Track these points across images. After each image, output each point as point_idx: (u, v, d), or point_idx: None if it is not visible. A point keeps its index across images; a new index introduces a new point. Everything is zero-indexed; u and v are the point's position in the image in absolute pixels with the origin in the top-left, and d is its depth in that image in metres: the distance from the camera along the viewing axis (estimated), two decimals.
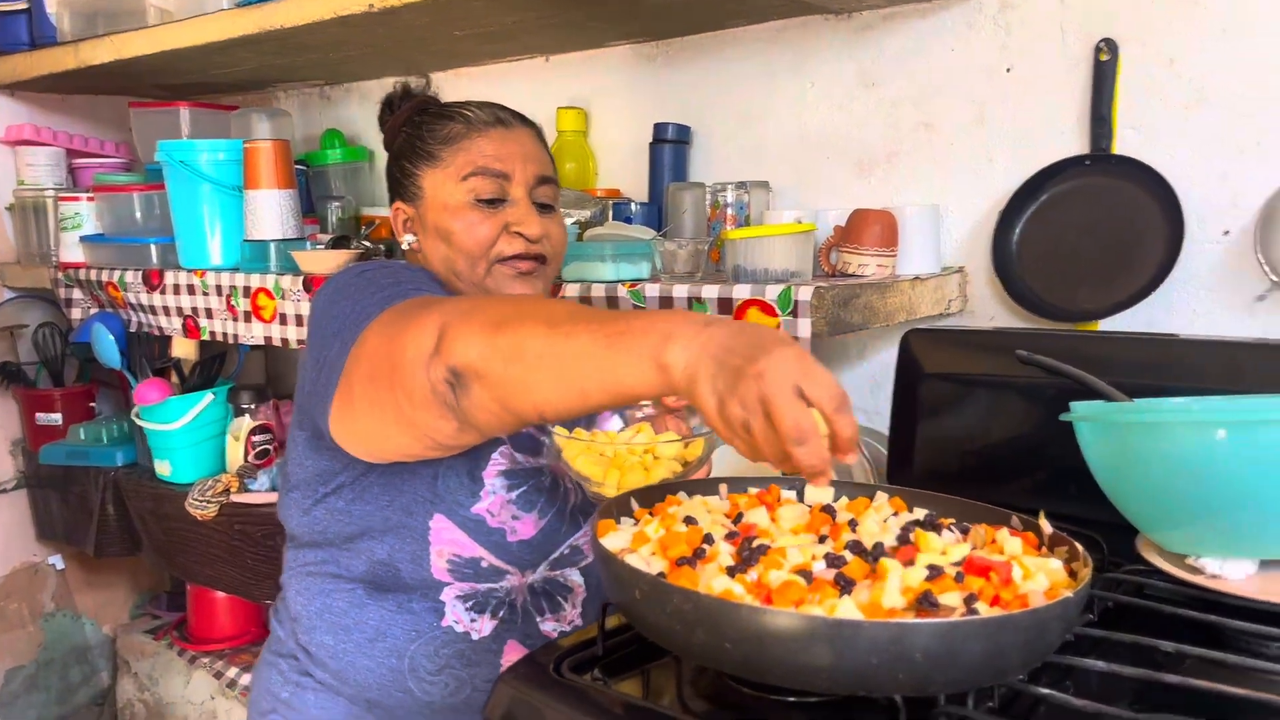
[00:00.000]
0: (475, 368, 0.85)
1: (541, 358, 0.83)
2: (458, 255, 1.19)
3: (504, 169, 1.20)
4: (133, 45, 2.01)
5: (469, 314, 0.88)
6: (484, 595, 1.13)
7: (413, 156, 1.24)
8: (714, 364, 0.74)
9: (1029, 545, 0.82)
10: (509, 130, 1.23)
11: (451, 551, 1.11)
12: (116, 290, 2.12)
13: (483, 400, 0.86)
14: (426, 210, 1.22)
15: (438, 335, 0.87)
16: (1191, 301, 1.45)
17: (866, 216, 1.51)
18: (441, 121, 1.23)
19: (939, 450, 1.30)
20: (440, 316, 0.89)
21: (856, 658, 0.64)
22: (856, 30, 1.69)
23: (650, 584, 0.72)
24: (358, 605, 1.14)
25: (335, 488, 1.14)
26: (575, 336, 0.82)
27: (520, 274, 1.21)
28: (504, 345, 0.84)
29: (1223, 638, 0.87)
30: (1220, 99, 1.40)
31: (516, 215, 1.20)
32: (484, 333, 0.86)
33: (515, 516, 1.13)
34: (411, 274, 1.12)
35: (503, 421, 0.88)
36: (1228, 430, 0.82)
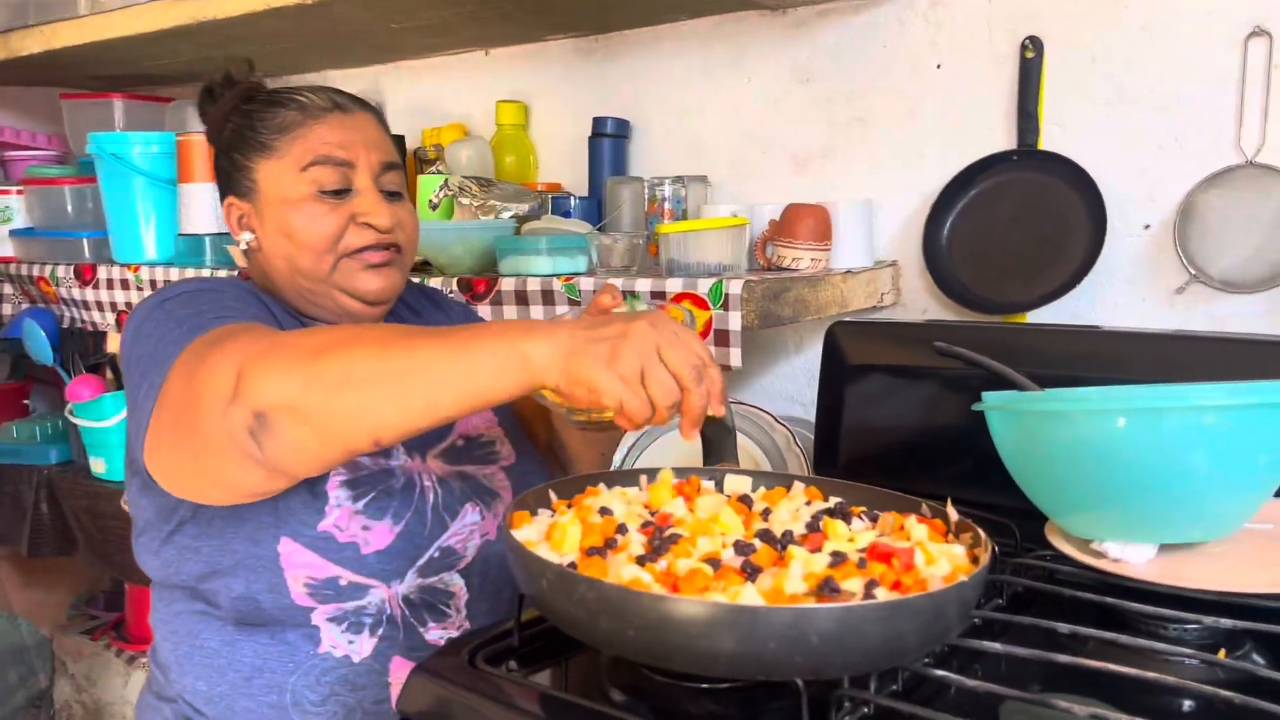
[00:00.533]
0: (289, 403, 0.81)
1: (378, 377, 0.80)
2: (301, 251, 1.10)
3: (347, 157, 1.11)
4: (63, 35, 1.98)
5: (271, 349, 0.83)
6: (354, 614, 1.06)
7: (244, 148, 1.13)
8: (588, 339, 0.79)
9: (936, 532, 0.83)
10: (349, 115, 1.14)
11: (306, 575, 1.03)
12: (48, 285, 2.09)
13: (299, 440, 0.82)
14: (264, 205, 1.12)
15: (235, 376, 0.82)
16: (1114, 293, 1.48)
17: (800, 211, 1.52)
18: (274, 109, 1.12)
19: (863, 440, 1.31)
20: (235, 355, 0.84)
21: (755, 643, 0.65)
22: (792, 26, 1.70)
23: (557, 574, 0.73)
24: (229, 643, 1.07)
25: (178, 524, 1.06)
26: (417, 349, 0.80)
27: (371, 266, 1.13)
28: (326, 373, 0.80)
29: (1125, 620, 0.90)
30: (1140, 96, 1.43)
31: (364, 205, 1.11)
32: (297, 364, 0.81)
33: (366, 527, 1.04)
34: (212, 295, 1.04)
35: (323, 459, 0.85)
36: (1127, 418, 0.84)
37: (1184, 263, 1.40)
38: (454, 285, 1.58)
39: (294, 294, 1.15)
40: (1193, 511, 0.88)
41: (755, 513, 0.88)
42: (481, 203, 1.72)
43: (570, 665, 0.89)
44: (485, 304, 1.54)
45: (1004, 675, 0.84)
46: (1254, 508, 0.92)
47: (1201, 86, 1.39)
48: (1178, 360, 1.16)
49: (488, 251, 1.63)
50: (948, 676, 0.75)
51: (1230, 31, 1.36)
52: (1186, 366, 1.13)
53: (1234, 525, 0.92)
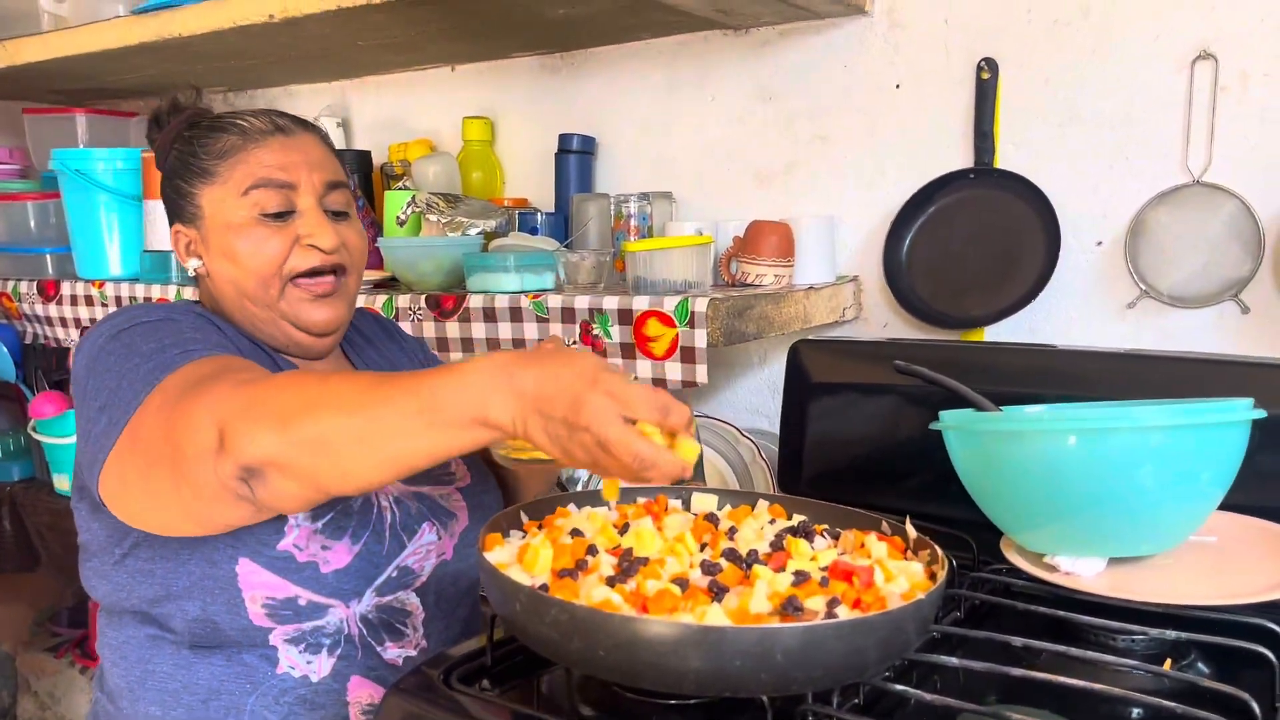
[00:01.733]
0: (275, 461, 0.82)
1: (352, 442, 0.81)
2: (247, 276, 1.10)
3: (288, 178, 1.11)
4: (26, 51, 1.97)
5: (248, 407, 0.84)
6: (312, 634, 1.06)
7: (187, 174, 1.13)
8: (540, 417, 0.77)
9: (895, 549, 0.86)
10: (290, 137, 1.13)
11: (265, 595, 1.03)
12: (11, 301, 2.07)
13: (289, 488, 0.84)
14: (209, 231, 1.12)
15: (217, 432, 0.83)
16: (1069, 308, 1.52)
17: (763, 228, 1.55)
18: (215, 134, 1.12)
19: (826, 456, 1.34)
20: (215, 409, 0.85)
21: (722, 661, 0.68)
22: (755, 45, 1.73)
23: (529, 596, 0.75)
24: (184, 667, 1.06)
25: (130, 547, 1.06)
26: (382, 418, 0.81)
27: (318, 297, 1.12)
28: (304, 437, 0.82)
29: (1076, 632, 0.93)
30: (1091, 116, 1.47)
31: (307, 227, 1.11)
32: (276, 425, 0.82)
33: (325, 546, 1.04)
34: (172, 325, 1.03)
35: (312, 502, 0.87)
36: (1077, 437, 0.87)
37: (1135, 278, 1.44)
38: (422, 302, 1.59)
39: (244, 320, 1.15)
40: (1140, 526, 0.92)
41: (721, 531, 0.90)
42: (449, 219, 1.74)
43: (541, 683, 0.91)
44: (454, 320, 1.56)
45: (962, 687, 0.87)
46: (1199, 521, 0.95)
47: (1151, 107, 1.43)
48: (1130, 378, 1.20)
49: (455, 268, 1.64)
50: (907, 691, 0.78)
51: (1178, 54, 1.41)
52: (1138, 384, 1.17)
53: (1180, 538, 0.96)
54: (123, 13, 1.84)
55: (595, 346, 1.44)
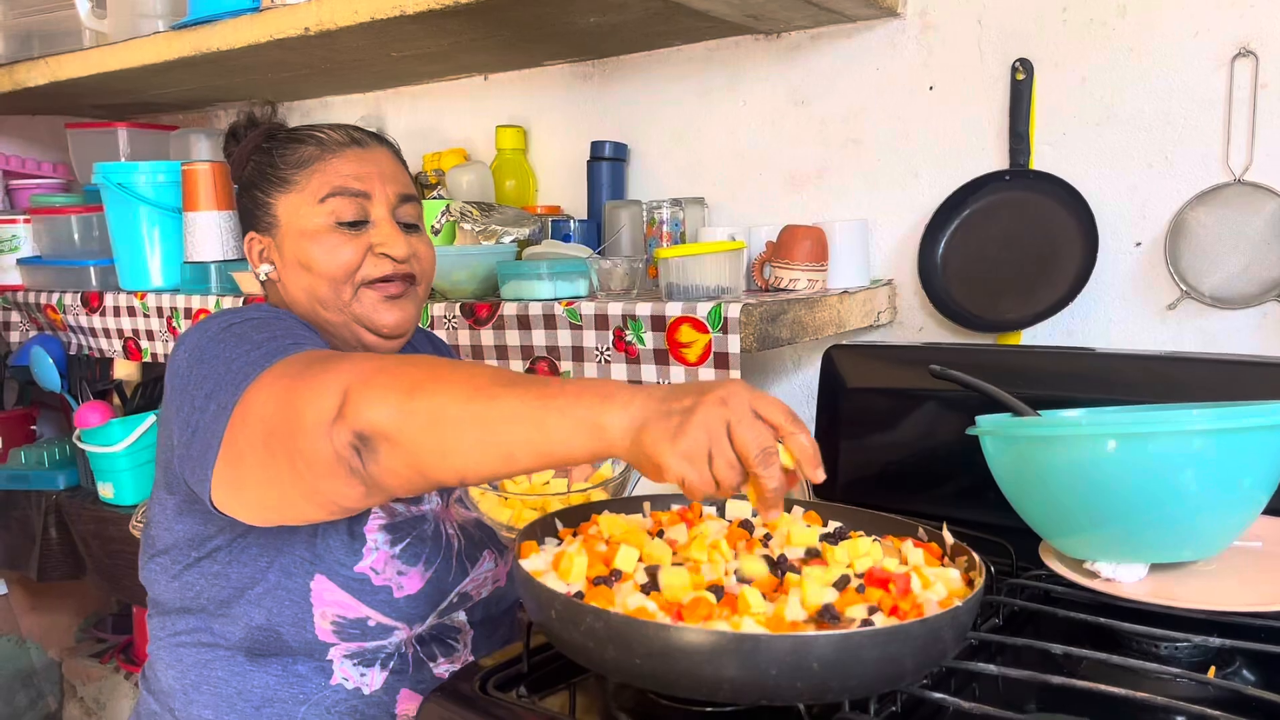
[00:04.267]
0: (386, 432, 0.82)
1: (464, 422, 0.80)
2: (320, 282, 1.13)
3: (363, 188, 1.14)
4: (68, 68, 2.00)
5: (375, 374, 0.84)
6: (373, 651, 1.08)
7: (264, 184, 1.17)
8: (660, 413, 0.76)
9: (932, 556, 0.85)
10: (365, 150, 1.17)
11: (335, 613, 1.05)
12: (56, 313, 2.11)
13: (394, 465, 0.83)
14: (283, 238, 1.15)
15: (340, 397, 0.83)
16: (1107, 310, 1.50)
17: (797, 233, 1.55)
18: (293, 145, 1.16)
19: (861, 461, 1.34)
20: (342, 376, 0.85)
21: (758, 670, 0.68)
22: (786, 50, 1.73)
23: (565, 604, 0.75)
24: (239, 673, 1.07)
25: (209, 551, 1.07)
26: (501, 399, 0.80)
27: (389, 298, 1.15)
28: (421, 409, 0.81)
29: (1117, 639, 0.92)
30: (1129, 116, 1.46)
31: (380, 236, 1.14)
32: (396, 395, 0.82)
33: (401, 572, 1.07)
34: (281, 323, 1.05)
35: (414, 485, 0.86)
36: (1117, 442, 0.86)
37: (1175, 279, 1.42)
38: (457, 310, 1.60)
39: (314, 323, 1.16)
40: (1182, 532, 0.90)
41: (756, 539, 0.90)
42: (483, 227, 1.75)
43: (578, 689, 0.91)
44: (488, 328, 1.57)
45: (1000, 695, 0.86)
46: (1242, 527, 0.94)
47: (1190, 106, 1.41)
48: (1170, 381, 1.18)
49: (489, 276, 1.65)
50: (945, 699, 0.77)
51: (1217, 52, 1.39)
52: (1178, 387, 1.15)
53: (1222, 544, 0.95)
54: (162, 28, 1.87)
55: (628, 353, 1.45)
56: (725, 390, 0.76)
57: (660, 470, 0.75)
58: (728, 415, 0.74)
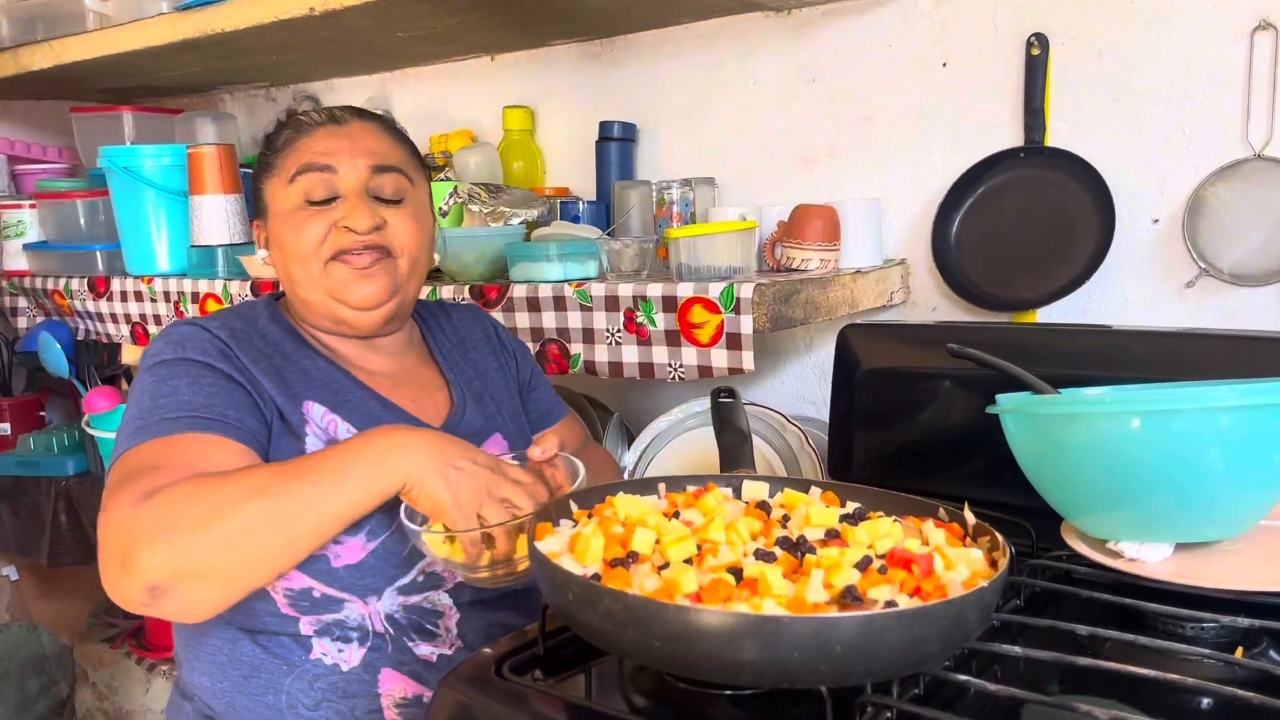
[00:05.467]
0: (188, 571, 0.91)
1: (268, 527, 0.92)
2: (291, 261, 1.14)
3: (329, 162, 1.13)
4: (72, 50, 1.99)
5: (160, 524, 0.91)
6: (337, 626, 1.08)
7: (259, 171, 1.20)
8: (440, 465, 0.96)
9: (954, 536, 0.84)
10: (340, 126, 1.17)
11: (284, 585, 1.06)
12: (63, 298, 2.10)
13: (200, 596, 0.93)
14: (270, 222, 1.18)
15: (120, 555, 0.92)
16: (1124, 288, 1.49)
17: (809, 212, 1.53)
18: (278, 131, 1.19)
19: (877, 442, 1.32)
20: (121, 531, 0.92)
21: (779, 652, 0.66)
22: (797, 27, 1.71)
23: (582, 586, 0.74)
24: (231, 642, 1.10)
25: None
26: (296, 493, 0.93)
27: (359, 269, 1.13)
28: (221, 537, 0.91)
29: (1142, 619, 0.90)
30: (1146, 91, 1.43)
31: (344, 209, 1.13)
32: (189, 535, 0.90)
33: (337, 540, 1.05)
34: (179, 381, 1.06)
35: (227, 603, 0.96)
36: (1141, 419, 0.85)
37: (1194, 257, 1.41)
38: (466, 292, 1.59)
39: (299, 307, 1.19)
40: (1208, 510, 0.89)
41: (774, 520, 0.88)
42: (491, 209, 1.73)
43: (594, 672, 0.90)
44: (497, 310, 1.56)
45: (1023, 676, 0.85)
46: (1269, 506, 0.92)
47: (1208, 81, 1.39)
48: (1189, 358, 1.17)
49: (498, 258, 1.64)
50: (969, 680, 0.76)
51: (1236, 25, 1.37)
52: (1197, 364, 1.13)
53: (1249, 523, 0.93)
54: (166, 10, 1.85)
55: (640, 335, 1.43)
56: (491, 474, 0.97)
57: (435, 509, 0.96)
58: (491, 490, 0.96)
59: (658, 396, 1.92)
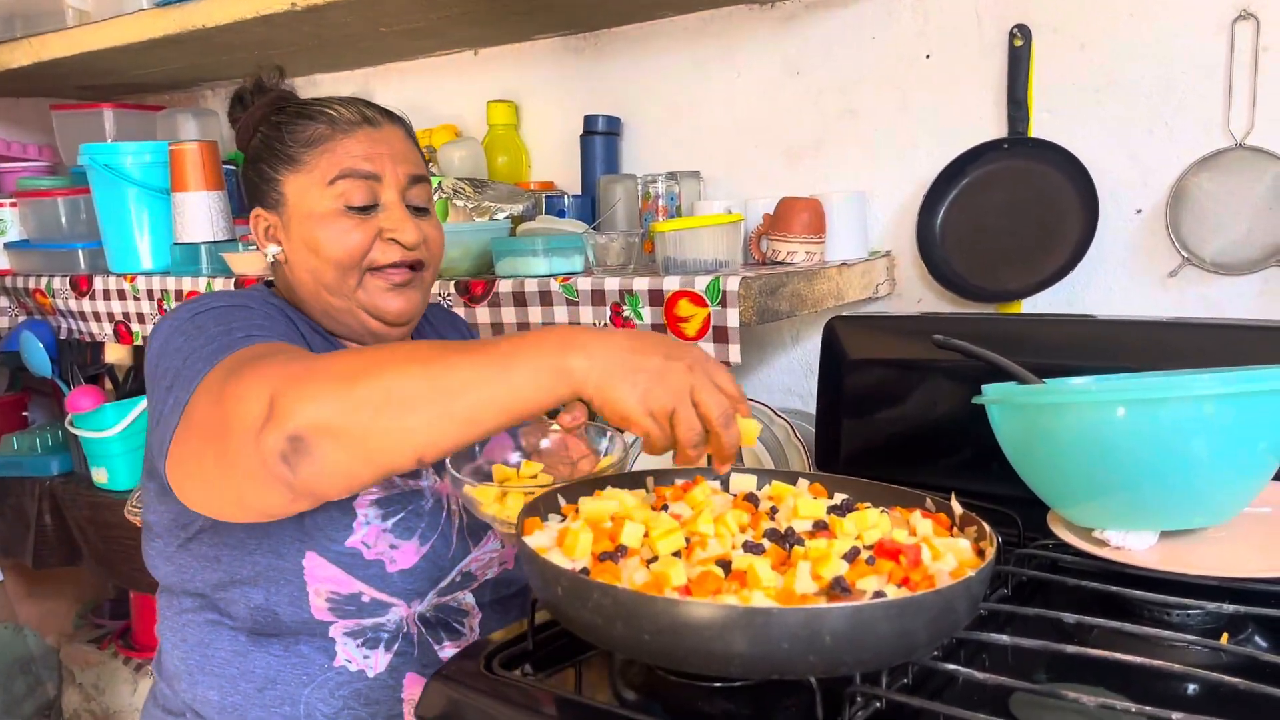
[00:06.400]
0: (329, 427, 0.80)
1: (420, 397, 0.80)
2: (326, 266, 1.10)
3: (374, 170, 1.10)
4: (51, 47, 1.98)
5: (308, 372, 0.82)
6: (372, 630, 1.06)
7: (272, 160, 1.13)
8: (627, 368, 0.80)
9: (941, 526, 0.84)
10: (377, 129, 1.13)
11: (329, 589, 1.03)
12: (45, 297, 2.09)
13: (338, 461, 0.81)
14: (291, 219, 1.12)
15: (268, 400, 0.81)
16: (1109, 278, 1.49)
17: (794, 205, 1.53)
18: (302, 122, 1.12)
19: (864, 433, 1.33)
20: (269, 379, 0.83)
21: (769, 644, 0.66)
22: (782, 20, 1.71)
23: (571, 580, 0.74)
24: (241, 653, 1.06)
25: (196, 533, 1.06)
26: (457, 367, 0.80)
27: (395, 285, 1.12)
28: (367, 395, 0.80)
29: (1128, 607, 0.91)
30: (1129, 81, 1.44)
31: (390, 221, 1.11)
32: (335, 387, 0.80)
33: (393, 545, 1.04)
34: (246, 314, 1.02)
35: (362, 480, 0.84)
36: (1126, 408, 0.85)
37: (1176, 246, 1.41)
38: (451, 288, 1.58)
39: (318, 309, 1.15)
40: (1193, 498, 0.89)
41: (762, 512, 0.88)
42: (476, 204, 1.73)
43: (584, 667, 0.90)
44: (483, 306, 1.55)
45: (1010, 665, 0.86)
46: (1253, 493, 0.93)
47: (1190, 71, 1.40)
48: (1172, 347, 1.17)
49: (484, 253, 1.63)
50: (957, 670, 0.76)
51: (1218, 15, 1.37)
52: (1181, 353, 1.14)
53: (1234, 510, 0.94)
54: (146, 6, 1.84)
55: (626, 328, 1.43)
56: (690, 357, 0.83)
57: (625, 421, 0.81)
58: (692, 381, 0.81)
59: None
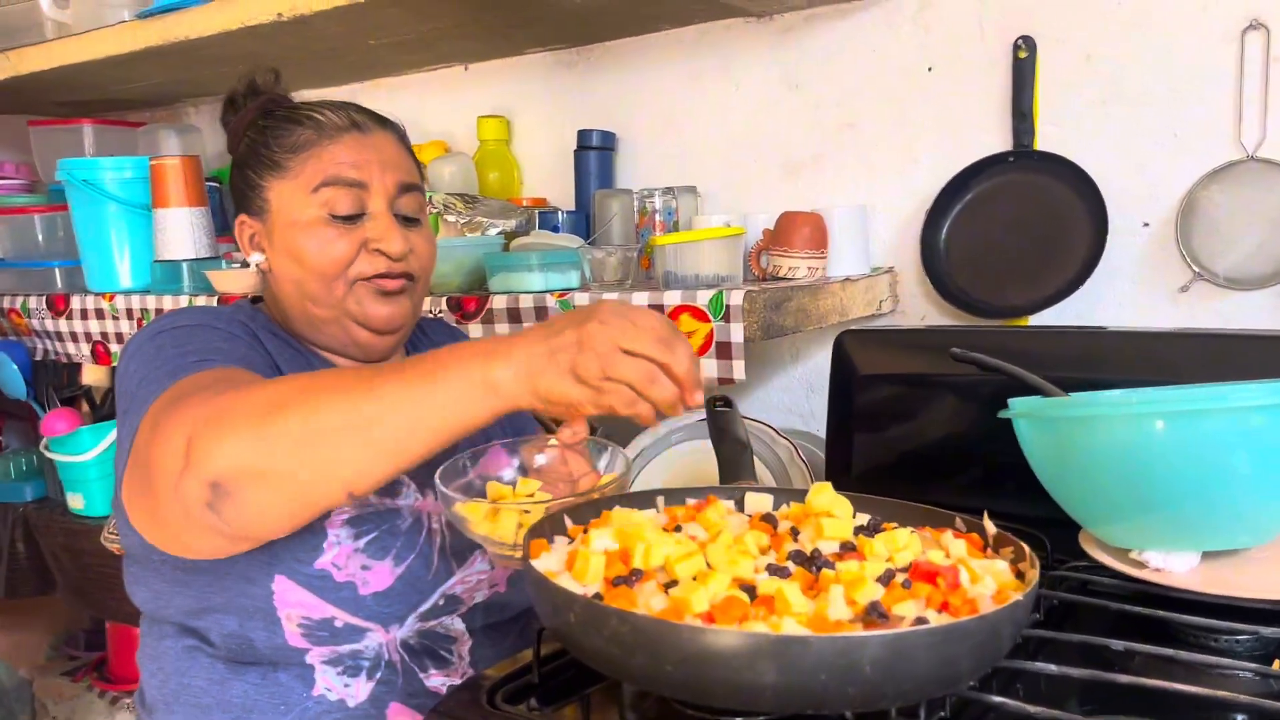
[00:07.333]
0: (249, 468, 0.77)
1: (342, 427, 0.77)
2: (310, 276, 1.06)
3: (360, 177, 1.06)
4: (30, 61, 1.92)
5: (225, 412, 0.80)
6: (350, 657, 1.01)
7: (257, 165, 1.09)
8: (545, 352, 0.77)
9: (974, 547, 0.80)
10: (365, 135, 1.09)
11: (300, 615, 0.98)
12: (20, 317, 2.02)
13: (264, 503, 0.79)
14: (274, 226, 1.08)
15: (185, 445, 0.79)
16: (1117, 294, 1.46)
17: (795, 219, 1.49)
18: (289, 126, 1.08)
19: (876, 451, 1.28)
20: (186, 421, 0.80)
21: (804, 675, 0.62)
22: (779, 32, 1.68)
23: (585, 608, 0.69)
24: (218, 682, 1.01)
25: (165, 558, 1.00)
26: (379, 392, 0.78)
27: (385, 293, 1.08)
28: (288, 429, 0.77)
29: (1170, 632, 0.86)
30: (1135, 92, 1.41)
31: (376, 230, 1.06)
32: (254, 424, 0.78)
33: (365, 566, 0.99)
34: (204, 335, 1.00)
35: (295, 518, 0.82)
36: (1166, 421, 0.81)
37: (1187, 261, 1.38)
38: (443, 304, 1.53)
39: (303, 319, 1.10)
40: (1237, 517, 0.85)
41: (783, 533, 0.84)
42: (467, 220, 1.69)
43: (592, 700, 0.85)
44: (476, 322, 1.50)
45: (1043, 693, 0.81)
46: None
47: (1199, 81, 1.37)
48: (1187, 359, 1.14)
49: (476, 269, 1.59)
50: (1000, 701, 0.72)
51: (1227, 25, 1.35)
52: (1199, 365, 1.11)
53: None
54: (128, 18, 1.79)
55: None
56: (600, 313, 0.78)
57: (575, 406, 0.78)
58: (612, 334, 0.77)
59: None
